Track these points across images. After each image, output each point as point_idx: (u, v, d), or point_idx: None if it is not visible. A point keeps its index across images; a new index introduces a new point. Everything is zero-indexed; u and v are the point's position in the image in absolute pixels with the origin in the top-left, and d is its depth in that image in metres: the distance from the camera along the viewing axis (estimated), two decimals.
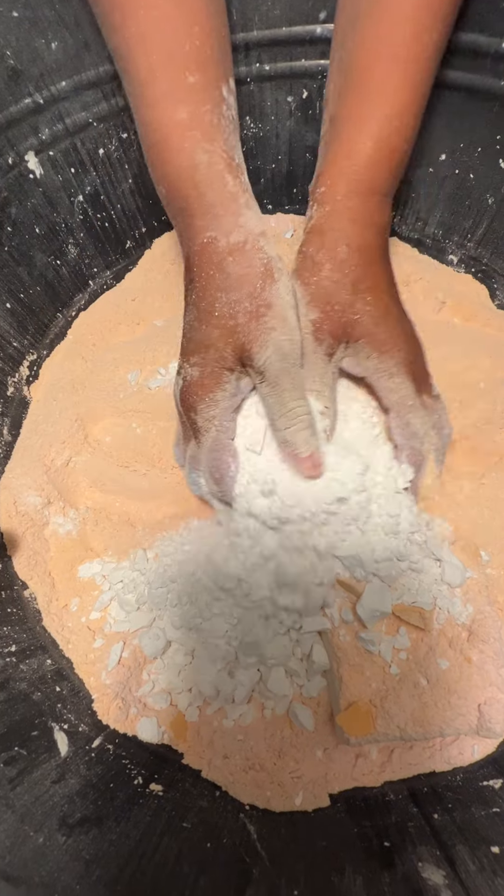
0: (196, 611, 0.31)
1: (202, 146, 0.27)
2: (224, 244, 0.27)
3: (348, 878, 0.24)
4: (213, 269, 0.27)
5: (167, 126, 0.28)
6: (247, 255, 0.27)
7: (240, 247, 0.27)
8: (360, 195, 0.29)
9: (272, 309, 0.27)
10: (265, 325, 0.26)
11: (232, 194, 0.28)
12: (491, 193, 0.39)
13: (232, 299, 0.27)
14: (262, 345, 0.26)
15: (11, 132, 0.34)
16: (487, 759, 0.29)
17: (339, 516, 0.29)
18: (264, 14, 0.36)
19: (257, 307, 0.26)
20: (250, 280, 0.27)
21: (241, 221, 0.28)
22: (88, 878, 0.23)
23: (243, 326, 0.27)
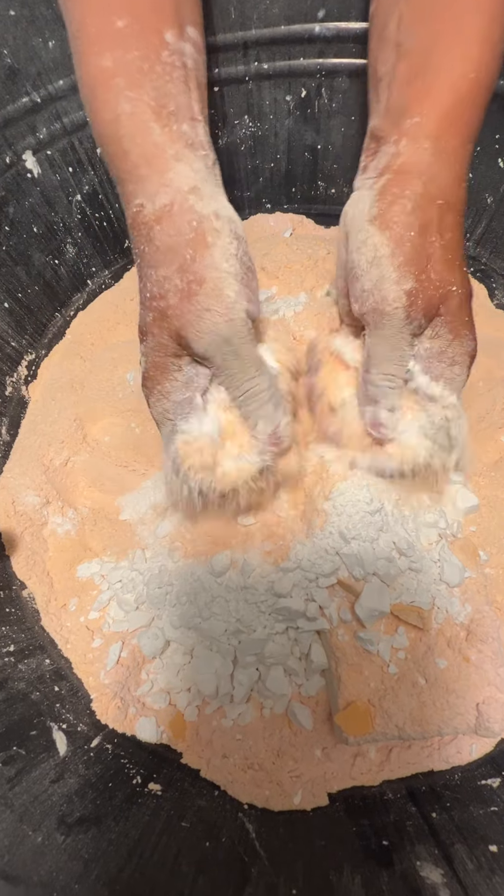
0: (195, 610, 0.31)
1: (125, 94, 0.23)
2: (150, 210, 0.23)
3: (347, 876, 0.24)
4: (142, 242, 0.23)
5: (93, 75, 0.24)
6: (174, 219, 0.23)
7: (167, 211, 0.23)
8: (461, 136, 0.24)
9: (205, 284, 0.22)
10: (198, 304, 0.22)
11: (157, 145, 0.23)
12: (490, 193, 0.39)
13: (161, 276, 0.23)
14: (197, 330, 0.23)
15: (9, 131, 0.34)
16: (485, 758, 0.29)
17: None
18: (263, 13, 0.36)
19: (188, 283, 0.22)
20: (179, 250, 0.22)
21: (167, 178, 0.23)
22: (87, 878, 0.23)
23: (175, 308, 0.23)
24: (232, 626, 0.30)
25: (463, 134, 0.25)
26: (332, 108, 0.41)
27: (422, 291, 0.24)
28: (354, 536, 0.29)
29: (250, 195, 0.47)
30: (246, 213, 0.48)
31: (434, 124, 0.24)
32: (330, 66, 0.38)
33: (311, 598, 0.29)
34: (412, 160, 0.24)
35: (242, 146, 0.43)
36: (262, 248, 0.42)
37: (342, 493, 0.30)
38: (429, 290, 0.24)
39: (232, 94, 0.40)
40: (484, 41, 0.24)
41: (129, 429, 0.38)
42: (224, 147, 0.43)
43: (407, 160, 0.24)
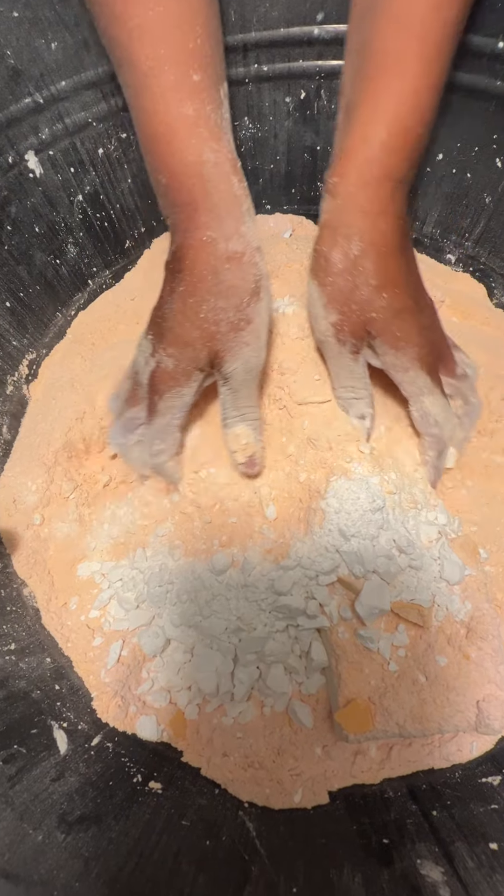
0: (195, 608, 0.31)
1: (209, 145, 0.28)
2: (223, 249, 0.27)
3: (347, 875, 0.24)
4: (207, 270, 0.28)
5: (173, 119, 0.28)
6: (243, 267, 0.28)
7: (237, 256, 0.28)
8: (372, 183, 0.28)
9: (251, 325, 0.28)
10: (242, 338, 0.28)
11: (236, 198, 0.28)
12: (488, 192, 0.39)
13: (219, 306, 0.28)
14: (234, 356, 0.29)
15: (11, 131, 0.34)
16: (486, 755, 0.29)
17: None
18: (262, 15, 0.36)
19: (239, 320, 0.28)
20: (240, 293, 0.28)
21: (242, 230, 0.28)
22: (88, 876, 0.23)
23: (223, 335, 0.28)
24: (232, 624, 0.30)
25: (379, 182, 0.28)
26: (332, 110, 0.41)
27: (346, 321, 0.29)
28: (354, 534, 0.29)
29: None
30: None
31: (348, 182, 0.28)
32: (329, 68, 0.39)
33: (311, 595, 0.29)
34: (332, 216, 0.29)
35: (242, 148, 0.44)
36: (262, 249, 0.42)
37: (336, 491, 0.30)
38: (352, 318, 0.29)
39: (232, 96, 0.40)
40: (399, 97, 0.27)
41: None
42: None
43: (329, 217, 0.29)
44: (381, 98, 0.28)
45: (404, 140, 0.28)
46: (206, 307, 0.28)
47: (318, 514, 0.30)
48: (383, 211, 0.28)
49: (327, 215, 0.29)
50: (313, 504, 0.31)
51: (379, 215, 0.28)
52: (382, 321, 0.29)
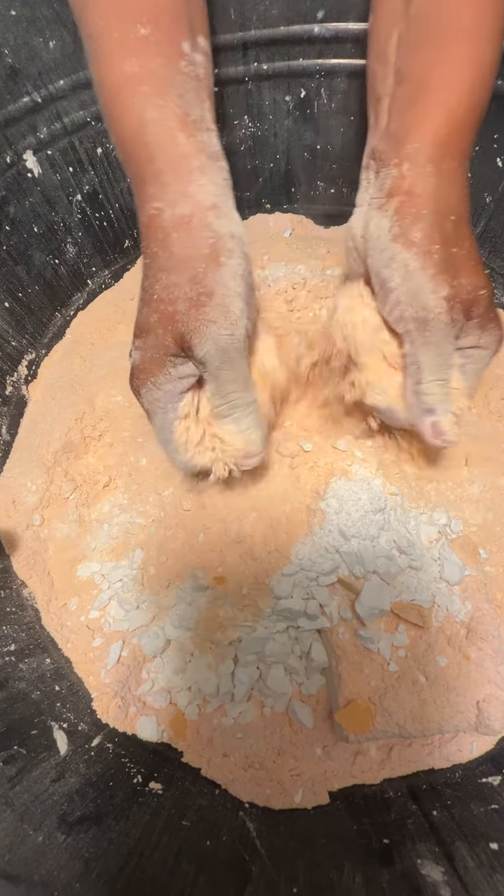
0: (195, 609, 0.31)
1: (152, 101, 0.25)
2: (168, 217, 0.24)
3: (347, 875, 0.24)
4: (157, 245, 0.25)
5: (117, 80, 0.25)
6: (192, 232, 0.24)
7: (185, 221, 0.24)
8: (458, 157, 0.26)
9: (213, 298, 0.24)
10: (204, 315, 0.24)
11: (183, 156, 0.25)
12: (489, 192, 0.39)
13: (172, 282, 0.24)
14: (200, 338, 0.24)
15: (10, 131, 0.34)
16: (486, 755, 0.29)
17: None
18: (262, 13, 0.36)
19: (198, 294, 0.24)
20: (193, 263, 0.24)
21: (190, 190, 0.24)
22: (88, 877, 0.23)
23: (182, 315, 0.24)
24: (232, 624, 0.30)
25: (460, 155, 0.26)
26: (332, 109, 0.41)
27: (457, 296, 0.25)
28: (354, 534, 0.29)
29: (250, 195, 0.47)
30: (245, 213, 0.48)
31: (433, 149, 0.26)
32: (329, 66, 0.39)
33: (311, 596, 0.29)
34: (419, 182, 0.26)
35: (242, 146, 0.43)
36: (261, 248, 0.42)
37: (337, 492, 0.30)
38: (462, 295, 0.25)
39: (231, 94, 0.40)
40: (475, 68, 0.26)
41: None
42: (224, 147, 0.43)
43: (413, 182, 0.26)
44: (459, 68, 0.26)
45: (478, 114, 0.26)
46: (159, 287, 0.24)
47: (318, 514, 0.30)
48: (463, 186, 0.26)
49: (410, 181, 0.26)
50: (313, 504, 0.31)
51: (463, 190, 0.26)
52: (486, 301, 0.26)
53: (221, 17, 0.36)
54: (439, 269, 0.25)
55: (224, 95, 0.40)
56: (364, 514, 0.29)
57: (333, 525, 0.30)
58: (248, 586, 0.30)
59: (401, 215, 0.26)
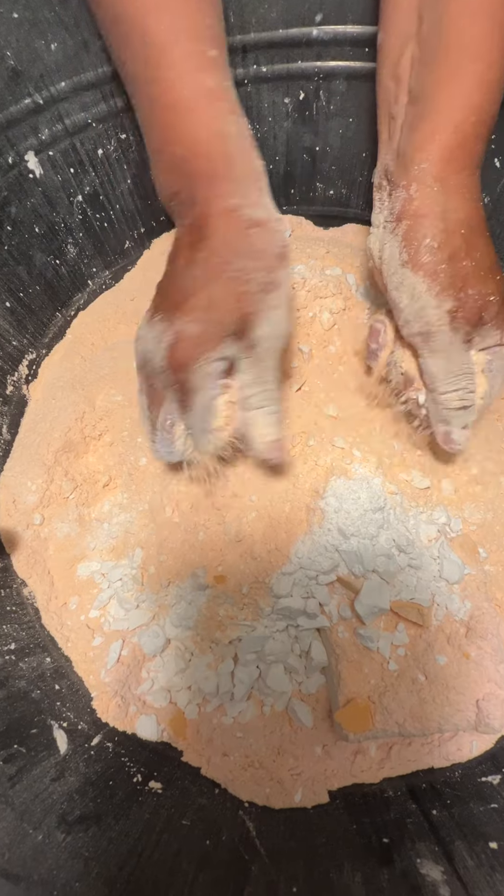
0: (195, 609, 0.31)
1: (231, 118, 0.27)
2: (248, 214, 0.27)
3: (347, 874, 0.24)
4: (234, 233, 0.27)
5: (194, 89, 0.27)
6: (269, 231, 0.27)
7: (263, 222, 0.27)
8: (467, 169, 0.28)
9: (279, 289, 0.27)
10: (272, 301, 0.27)
11: (257, 172, 0.28)
12: (487, 193, 0.39)
13: (249, 266, 0.26)
14: (264, 318, 0.27)
15: (11, 132, 0.34)
16: (486, 755, 0.29)
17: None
18: (261, 16, 0.36)
19: (268, 282, 0.26)
20: (268, 256, 0.27)
21: (264, 200, 0.28)
22: (88, 876, 0.23)
23: (252, 295, 0.26)
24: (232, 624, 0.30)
25: (469, 167, 0.28)
26: (330, 111, 0.41)
27: (461, 307, 0.27)
28: (354, 533, 0.29)
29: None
30: None
31: (440, 166, 0.27)
32: (328, 68, 0.39)
33: (311, 595, 0.29)
34: (426, 203, 0.28)
35: None
36: None
37: (336, 490, 0.30)
38: (468, 304, 0.27)
39: None
40: (484, 85, 0.27)
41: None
42: None
43: (421, 204, 0.28)
44: (466, 83, 0.27)
45: (489, 124, 0.28)
46: (234, 268, 0.26)
47: (318, 513, 0.30)
48: (474, 197, 0.28)
49: (418, 203, 0.28)
50: (312, 503, 0.31)
51: (476, 201, 0.28)
52: (497, 306, 0.28)
53: None
54: (444, 286, 0.27)
55: None
56: (363, 512, 0.30)
57: (333, 524, 0.30)
58: (247, 585, 0.30)
59: (408, 240, 0.28)
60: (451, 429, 0.30)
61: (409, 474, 0.32)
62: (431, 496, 0.32)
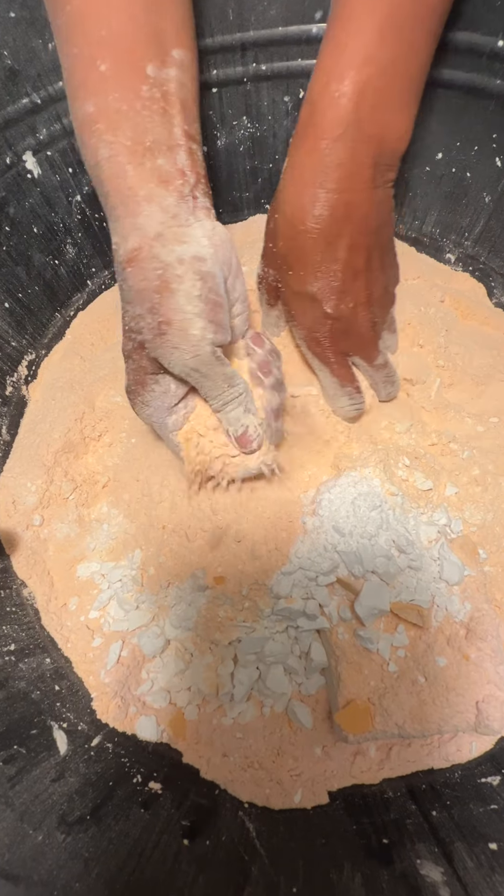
0: (195, 610, 0.31)
1: (104, 139, 0.25)
2: (123, 252, 0.25)
3: (347, 875, 0.24)
4: (119, 279, 0.26)
5: (80, 122, 0.26)
6: (141, 265, 0.25)
7: (135, 255, 0.25)
8: (329, 133, 0.27)
9: (171, 325, 0.25)
10: (168, 343, 0.25)
11: (130, 189, 0.25)
12: (488, 192, 0.39)
13: (136, 313, 0.26)
14: (170, 363, 0.26)
15: (9, 132, 0.34)
16: (485, 755, 0.29)
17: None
18: (260, 14, 0.36)
19: (158, 323, 0.25)
20: (147, 294, 0.25)
21: (138, 222, 0.25)
22: (88, 877, 0.23)
23: (150, 342, 0.26)
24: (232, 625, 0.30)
25: (330, 132, 0.28)
26: None
27: (264, 278, 0.33)
28: (351, 532, 0.29)
29: (249, 196, 0.47)
30: (245, 214, 0.48)
31: (299, 137, 0.29)
32: None
33: (310, 596, 0.29)
34: (292, 165, 0.30)
35: (241, 147, 0.43)
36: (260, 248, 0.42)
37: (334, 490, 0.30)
38: (267, 279, 0.33)
39: (230, 95, 0.40)
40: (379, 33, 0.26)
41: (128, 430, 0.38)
42: (222, 148, 0.43)
43: (290, 163, 0.30)
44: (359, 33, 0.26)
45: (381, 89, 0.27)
46: (128, 318, 0.26)
47: (316, 512, 0.30)
48: (313, 181, 0.28)
49: (289, 160, 0.29)
50: (311, 504, 0.31)
51: (308, 184, 0.28)
52: (285, 295, 0.31)
53: (220, 17, 0.36)
54: (263, 254, 0.32)
55: (222, 96, 0.40)
56: (362, 511, 0.29)
57: (330, 522, 0.30)
58: (247, 586, 0.30)
59: (276, 196, 0.31)
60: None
61: (411, 475, 0.32)
62: (432, 497, 0.32)
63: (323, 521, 0.30)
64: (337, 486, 0.31)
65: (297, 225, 0.29)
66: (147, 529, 0.35)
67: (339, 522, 0.29)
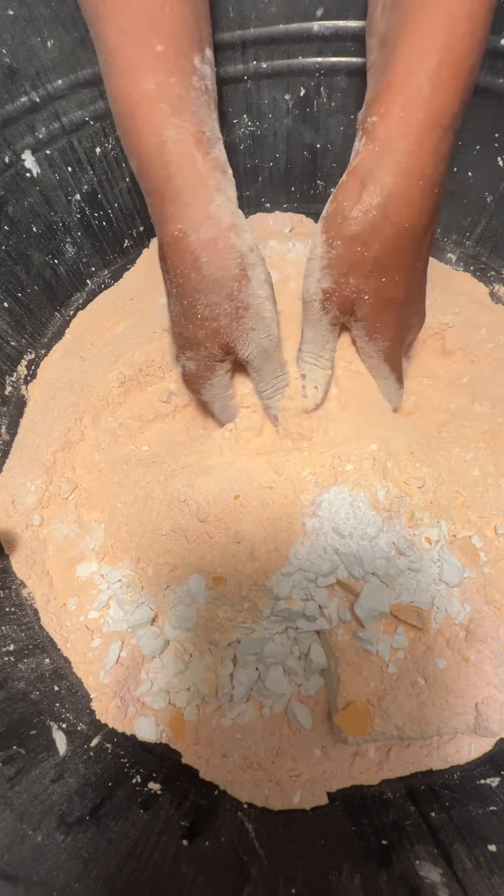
0: (194, 610, 0.31)
1: (170, 121, 0.25)
2: (195, 240, 0.26)
3: (346, 876, 0.24)
4: (187, 267, 0.26)
5: (134, 96, 0.26)
6: (219, 254, 0.26)
7: (211, 245, 0.26)
8: (419, 126, 0.24)
9: (249, 310, 0.27)
10: (245, 326, 0.28)
11: (201, 176, 0.26)
12: (489, 191, 0.39)
13: (212, 301, 0.27)
14: (244, 344, 0.28)
15: (8, 131, 0.34)
16: (484, 757, 0.29)
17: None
18: (261, 11, 0.36)
19: (236, 309, 0.27)
20: (226, 283, 0.26)
21: (210, 212, 0.26)
22: (87, 877, 0.23)
23: (225, 328, 0.28)
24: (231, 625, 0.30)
25: (422, 123, 0.24)
26: (331, 107, 0.41)
27: (338, 293, 0.28)
28: (351, 533, 0.29)
29: (249, 194, 0.47)
30: (246, 212, 0.47)
31: (386, 125, 0.24)
32: (329, 64, 0.38)
33: (310, 597, 0.29)
34: (362, 164, 0.25)
35: (241, 145, 0.43)
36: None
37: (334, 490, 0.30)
38: (344, 293, 0.28)
39: (230, 93, 0.40)
40: (448, 24, 0.23)
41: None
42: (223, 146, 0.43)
43: (359, 163, 0.26)
44: (430, 23, 0.23)
45: (456, 71, 0.23)
46: (200, 307, 0.27)
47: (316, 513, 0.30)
48: (422, 173, 0.24)
49: (359, 159, 0.25)
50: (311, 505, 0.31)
51: (415, 178, 0.24)
52: (369, 307, 0.28)
53: (220, 15, 0.36)
54: (332, 263, 0.27)
55: (223, 94, 0.40)
56: (362, 513, 0.29)
57: (330, 524, 0.29)
58: (247, 587, 0.30)
59: (334, 197, 0.27)
60: (306, 382, 0.31)
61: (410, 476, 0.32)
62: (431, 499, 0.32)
63: (323, 522, 0.30)
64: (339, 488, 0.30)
65: (403, 223, 0.25)
66: (146, 530, 0.35)
67: (339, 524, 0.29)
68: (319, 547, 0.29)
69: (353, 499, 0.30)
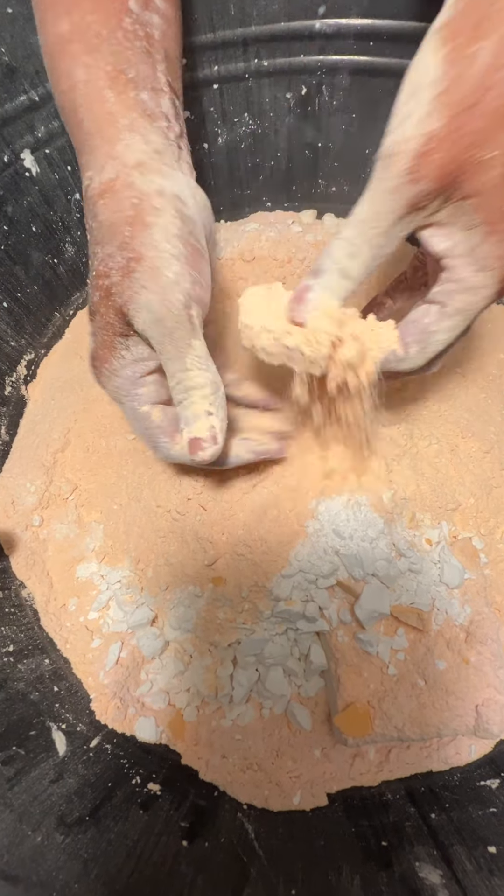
0: (194, 611, 0.31)
1: (81, 60, 0.22)
2: (97, 184, 0.22)
3: (346, 877, 0.24)
4: (90, 217, 0.22)
5: (51, 43, 0.23)
6: (116, 195, 0.21)
7: (109, 186, 0.21)
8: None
9: (142, 262, 0.21)
10: (136, 282, 0.21)
11: (110, 115, 0.22)
12: None
13: (106, 253, 0.22)
14: (135, 307, 0.22)
15: (7, 130, 0.34)
16: (484, 758, 0.29)
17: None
18: (263, 9, 0.36)
19: (127, 261, 0.21)
20: (119, 227, 0.21)
21: (115, 151, 0.22)
22: (86, 877, 0.23)
23: (117, 285, 0.21)
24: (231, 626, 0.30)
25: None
26: (333, 106, 0.41)
27: (445, 142, 0.17)
28: (352, 535, 0.29)
29: (251, 193, 0.47)
30: (246, 212, 0.48)
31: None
32: (330, 63, 0.38)
33: (310, 598, 0.29)
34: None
35: (242, 144, 0.43)
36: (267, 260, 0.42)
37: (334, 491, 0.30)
38: (460, 141, 0.17)
39: (231, 91, 0.40)
40: None
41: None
42: (224, 145, 0.43)
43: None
44: None
45: None
46: (96, 261, 0.22)
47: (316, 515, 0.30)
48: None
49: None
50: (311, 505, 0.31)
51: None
52: (495, 175, 0.17)
53: (222, 13, 0.36)
54: (451, 89, 0.17)
55: (224, 92, 0.40)
56: (363, 514, 0.29)
57: (330, 525, 0.29)
58: (247, 588, 0.30)
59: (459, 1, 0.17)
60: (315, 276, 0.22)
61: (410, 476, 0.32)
62: (432, 501, 0.32)
63: (323, 524, 0.30)
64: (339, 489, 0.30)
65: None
66: (145, 531, 0.35)
67: (340, 526, 0.29)
68: (320, 548, 0.29)
69: (354, 501, 0.30)
